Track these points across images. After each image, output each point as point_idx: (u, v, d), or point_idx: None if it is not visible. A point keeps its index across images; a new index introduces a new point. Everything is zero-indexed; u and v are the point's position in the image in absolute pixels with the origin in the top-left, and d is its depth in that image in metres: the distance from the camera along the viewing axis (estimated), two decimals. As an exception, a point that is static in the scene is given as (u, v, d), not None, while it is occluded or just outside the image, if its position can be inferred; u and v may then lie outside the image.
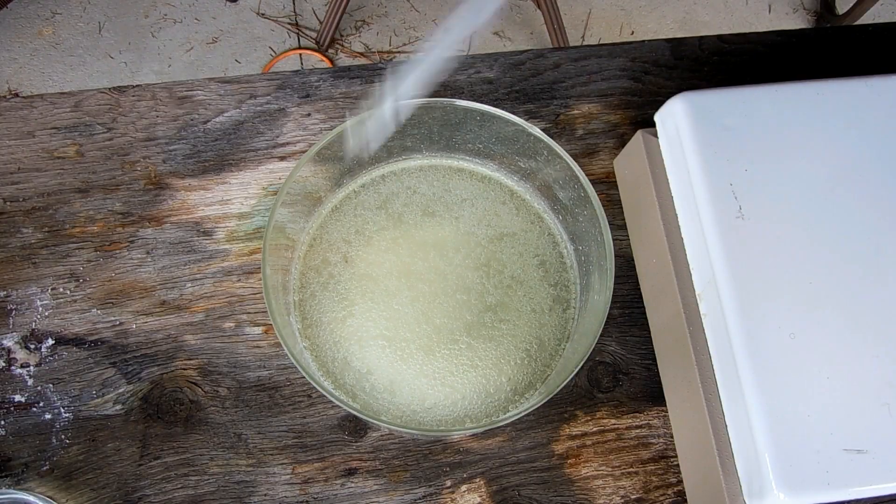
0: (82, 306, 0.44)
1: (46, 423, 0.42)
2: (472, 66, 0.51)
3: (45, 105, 0.48)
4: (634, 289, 0.46)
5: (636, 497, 0.42)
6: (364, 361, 0.39)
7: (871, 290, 0.36)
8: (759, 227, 0.36)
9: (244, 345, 0.44)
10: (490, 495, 0.41)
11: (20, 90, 1.34)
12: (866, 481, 0.33)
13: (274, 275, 0.37)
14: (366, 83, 0.50)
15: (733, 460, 0.36)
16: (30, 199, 0.46)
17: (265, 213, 0.46)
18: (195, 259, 0.45)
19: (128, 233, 0.46)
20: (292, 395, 0.43)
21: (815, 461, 0.33)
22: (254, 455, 0.41)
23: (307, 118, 0.49)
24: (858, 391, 0.34)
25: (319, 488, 0.41)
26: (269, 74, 0.50)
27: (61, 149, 0.47)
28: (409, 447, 0.42)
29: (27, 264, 0.45)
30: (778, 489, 0.32)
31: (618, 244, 0.47)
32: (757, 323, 0.35)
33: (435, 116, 0.41)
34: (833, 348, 0.35)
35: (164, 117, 0.48)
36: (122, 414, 0.42)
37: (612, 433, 0.43)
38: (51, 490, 0.40)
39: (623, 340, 0.45)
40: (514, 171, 0.43)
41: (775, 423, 0.33)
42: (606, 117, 0.50)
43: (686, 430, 0.41)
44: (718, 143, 0.38)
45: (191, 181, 0.47)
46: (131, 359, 0.43)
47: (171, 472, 0.41)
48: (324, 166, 0.40)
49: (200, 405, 0.42)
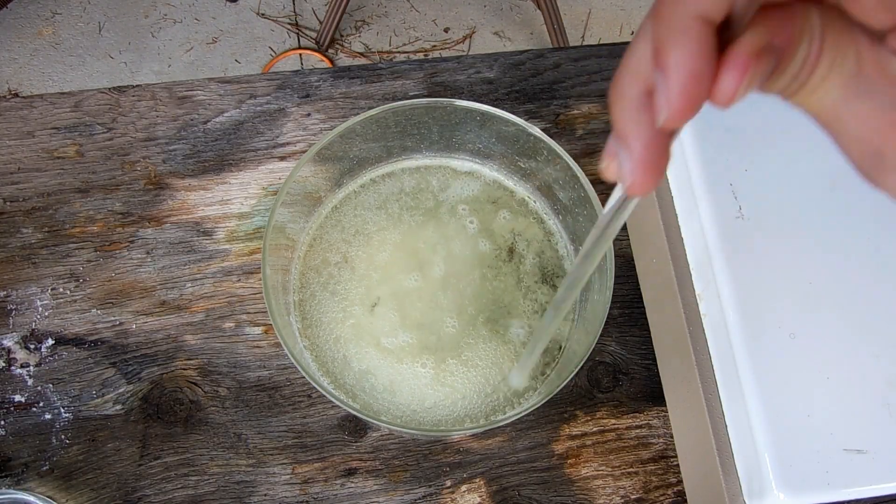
0: (82, 306, 0.44)
1: (46, 423, 0.42)
2: (472, 66, 0.51)
3: (45, 105, 0.48)
4: (634, 289, 0.46)
5: (636, 497, 0.42)
6: (364, 361, 0.39)
7: (871, 289, 0.36)
8: (759, 227, 0.36)
9: (244, 345, 0.44)
10: (490, 495, 0.41)
11: (20, 90, 1.34)
12: (866, 481, 0.33)
13: (274, 275, 0.37)
14: (366, 83, 0.50)
15: (733, 460, 0.36)
16: (30, 199, 0.46)
17: (265, 213, 0.46)
18: (195, 259, 0.45)
19: (128, 233, 0.46)
20: (292, 395, 0.43)
21: (815, 461, 0.33)
22: (254, 455, 0.41)
23: (307, 118, 0.49)
24: (858, 391, 0.34)
25: (319, 488, 0.41)
26: (269, 74, 0.50)
27: (61, 149, 0.47)
28: (409, 447, 0.42)
29: (27, 264, 0.45)
30: (778, 489, 0.32)
31: (618, 244, 0.47)
32: (757, 323, 0.35)
33: (435, 116, 0.41)
34: (833, 348, 0.35)
35: (164, 117, 0.48)
36: (122, 414, 0.42)
37: (612, 433, 0.43)
38: (51, 490, 0.40)
39: (623, 340, 0.45)
40: (514, 171, 0.43)
41: (775, 423, 0.33)
42: (606, 117, 0.50)
43: (686, 430, 0.41)
44: (718, 143, 0.38)
45: (191, 181, 0.47)
46: (131, 359, 0.43)
47: (171, 472, 0.41)
48: (324, 166, 0.40)
49: (200, 405, 0.42)
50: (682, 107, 0.16)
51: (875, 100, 0.17)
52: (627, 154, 0.18)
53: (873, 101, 0.17)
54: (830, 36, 0.17)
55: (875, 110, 0.17)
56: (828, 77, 0.17)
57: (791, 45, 0.16)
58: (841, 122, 0.18)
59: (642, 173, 0.18)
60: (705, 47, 0.15)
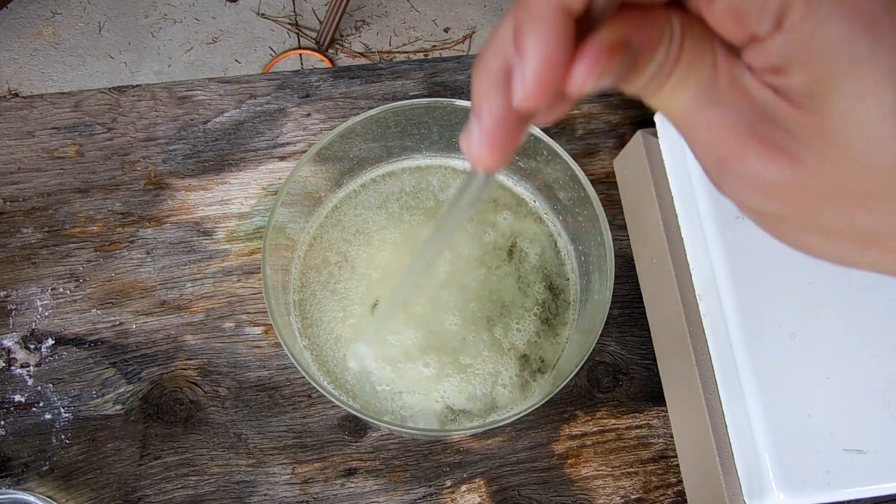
0: (82, 306, 0.44)
1: (46, 423, 0.42)
2: (471, 66, 0.51)
3: (45, 105, 0.48)
4: (634, 289, 0.46)
5: (636, 497, 0.42)
6: (364, 361, 0.39)
7: (871, 289, 0.36)
8: (759, 227, 0.36)
9: (244, 345, 0.44)
10: (490, 495, 0.41)
11: (20, 90, 1.34)
12: (866, 481, 0.33)
13: (274, 275, 0.37)
14: (366, 83, 0.50)
15: (733, 460, 0.36)
16: (30, 199, 0.46)
17: (265, 213, 0.46)
18: (195, 259, 0.45)
19: (128, 233, 0.46)
20: (292, 395, 0.43)
21: (815, 461, 0.33)
22: (254, 455, 0.41)
23: (307, 118, 0.49)
24: (858, 391, 0.34)
25: (319, 488, 0.41)
26: (269, 74, 0.50)
27: (61, 149, 0.47)
28: (409, 447, 0.42)
29: (27, 264, 0.45)
30: (778, 489, 0.32)
31: (618, 244, 0.47)
32: (757, 323, 0.35)
33: (435, 116, 0.41)
34: (833, 348, 0.35)
35: (164, 117, 0.48)
36: (122, 414, 0.42)
37: (612, 433, 0.43)
38: (51, 490, 0.40)
39: (623, 340, 0.45)
40: (514, 171, 0.43)
41: (775, 422, 0.33)
42: (606, 117, 0.50)
43: (686, 430, 0.41)
44: (718, 143, 0.38)
45: (191, 181, 0.47)
46: (131, 359, 0.43)
47: (171, 472, 0.41)
48: (324, 166, 0.40)
49: (200, 405, 0.42)
50: (536, 90, 0.16)
51: (724, 109, 0.17)
52: (477, 126, 0.19)
53: (722, 110, 0.17)
54: (689, 43, 0.17)
55: (723, 119, 0.17)
56: (684, 82, 0.18)
57: (649, 45, 0.17)
58: (693, 128, 0.18)
59: (487, 147, 0.19)
60: (562, 35, 0.16)
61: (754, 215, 0.20)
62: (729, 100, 0.17)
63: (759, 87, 0.17)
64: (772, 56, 0.16)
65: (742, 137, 0.17)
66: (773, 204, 0.18)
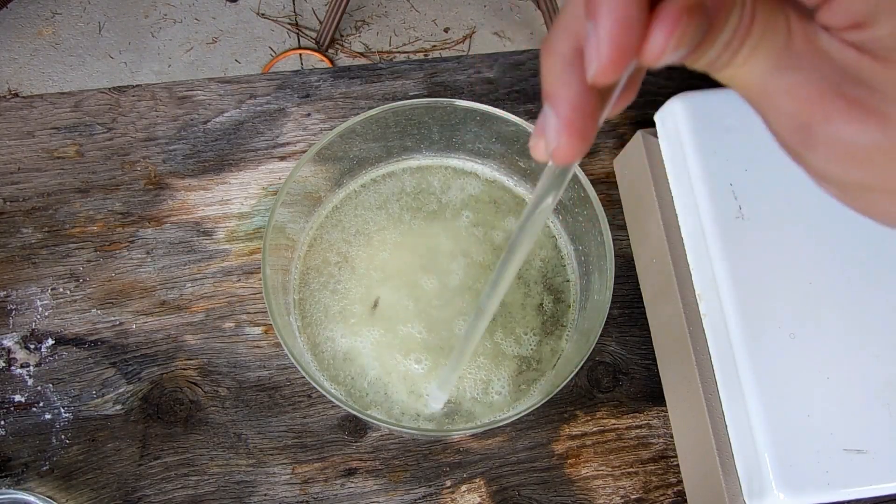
0: (82, 306, 0.44)
1: (46, 423, 0.42)
2: (472, 66, 0.51)
3: (45, 105, 0.48)
4: (634, 289, 0.46)
5: (636, 497, 0.42)
6: (364, 361, 0.39)
7: (871, 289, 0.36)
8: (759, 227, 0.36)
9: (244, 345, 0.44)
10: (490, 495, 0.41)
11: (20, 90, 1.34)
12: (866, 481, 0.33)
13: (274, 275, 0.37)
14: (366, 83, 0.50)
15: (733, 460, 0.36)
16: (30, 199, 0.46)
17: (265, 213, 0.46)
18: (195, 259, 0.45)
19: (128, 233, 0.46)
20: (292, 395, 0.43)
21: (815, 461, 0.33)
22: (254, 455, 0.41)
23: (307, 118, 0.49)
24: (858, 391, 0.34)
25: (319, 488, 0.41)
26: (269, 74, 0.50)
27: (61, 149, 0.47)
28: (409, 447, 0.42)
29: (27, 264, 0.45)
30: (778, 489, 0.32)
31: (618, 244, 0.47)
32: (757, 323, 0.35)
33: (435, 116, 0.41)
34: (833, 348, 0.35)
35: (164, 117, 0.48)
36: (122, 414, 0.42)
37: (612, 433, 0.43)
38: (51, 490, 0.40)
39: (623, 340, 0.45)
40: (514, 171, 0.43)
41: (775, 422, 0.33)
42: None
43: (686, 430, 0.41)
44: (718, 143, 0.38)
45: (191, 181, 0.47)
46: (131, 359, 0.43)
47: (171, 472, 0.41)
48: (324, 166, 0.40)
49: (200, 405, 0.42)
50: (613, 55, 0.16)
51: (804, 73, 0.17)
52: (554, 115, 0.18)
53: (802, 74, 0.17)
54: (762, 6, 0.16)
55: (803, 83, 0.17)
56: (757, 49, 0.17)
57: (723, 9, 0.16)
58: (769, 97, 0.17)
59: (567, 136, 0.18)
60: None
61: (839, 188, 0.18)
62: (807, 63, 0.17)
63: (838, 46, 0.16)
64: (852, 9, 0.15)
65: (825, 99, 0.16)
66: (861, 171, 0.17)
